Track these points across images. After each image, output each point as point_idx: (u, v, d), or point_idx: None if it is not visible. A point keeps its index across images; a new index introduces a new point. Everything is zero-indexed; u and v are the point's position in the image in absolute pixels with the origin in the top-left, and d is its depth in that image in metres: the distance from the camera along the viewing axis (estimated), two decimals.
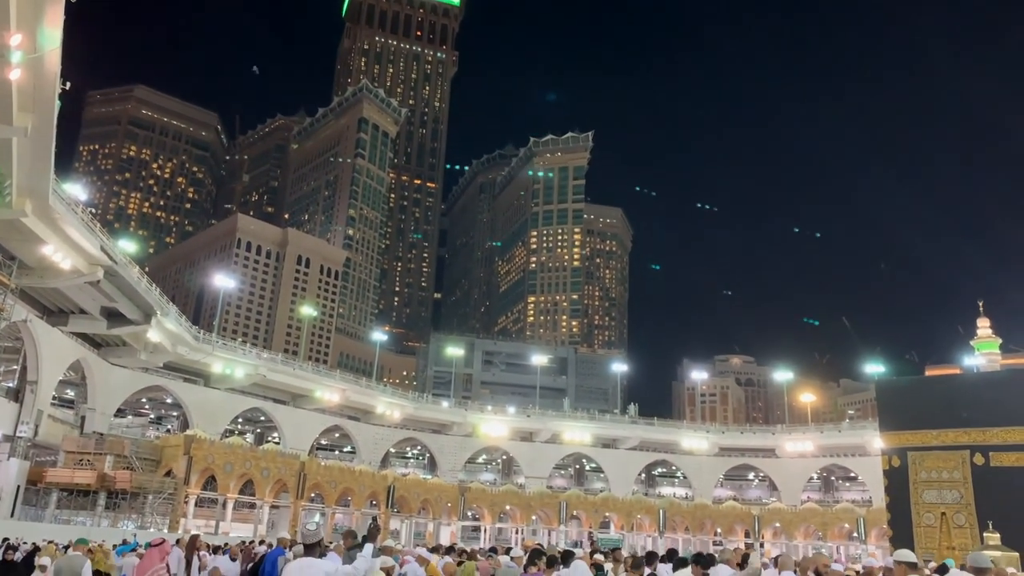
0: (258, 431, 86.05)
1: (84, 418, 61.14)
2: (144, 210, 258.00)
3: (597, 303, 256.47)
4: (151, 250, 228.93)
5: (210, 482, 59.79)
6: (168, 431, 75.56)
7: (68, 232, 42.92)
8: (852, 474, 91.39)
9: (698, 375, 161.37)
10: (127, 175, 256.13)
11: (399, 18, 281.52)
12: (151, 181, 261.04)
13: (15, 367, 54.20)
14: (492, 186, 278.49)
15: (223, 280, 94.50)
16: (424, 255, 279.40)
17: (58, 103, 29.58)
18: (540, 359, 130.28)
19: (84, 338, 58.18)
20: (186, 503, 56.19)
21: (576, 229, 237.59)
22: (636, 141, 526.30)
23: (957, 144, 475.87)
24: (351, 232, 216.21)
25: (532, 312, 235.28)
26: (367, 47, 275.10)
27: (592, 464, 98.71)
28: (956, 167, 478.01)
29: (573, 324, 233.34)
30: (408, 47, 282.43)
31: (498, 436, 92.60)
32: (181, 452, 56.36)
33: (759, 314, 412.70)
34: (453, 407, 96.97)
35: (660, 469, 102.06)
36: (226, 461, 58.66)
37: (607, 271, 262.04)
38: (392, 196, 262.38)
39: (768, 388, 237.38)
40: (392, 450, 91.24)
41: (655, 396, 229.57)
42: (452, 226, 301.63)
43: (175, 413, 77.56)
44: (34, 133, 30.09)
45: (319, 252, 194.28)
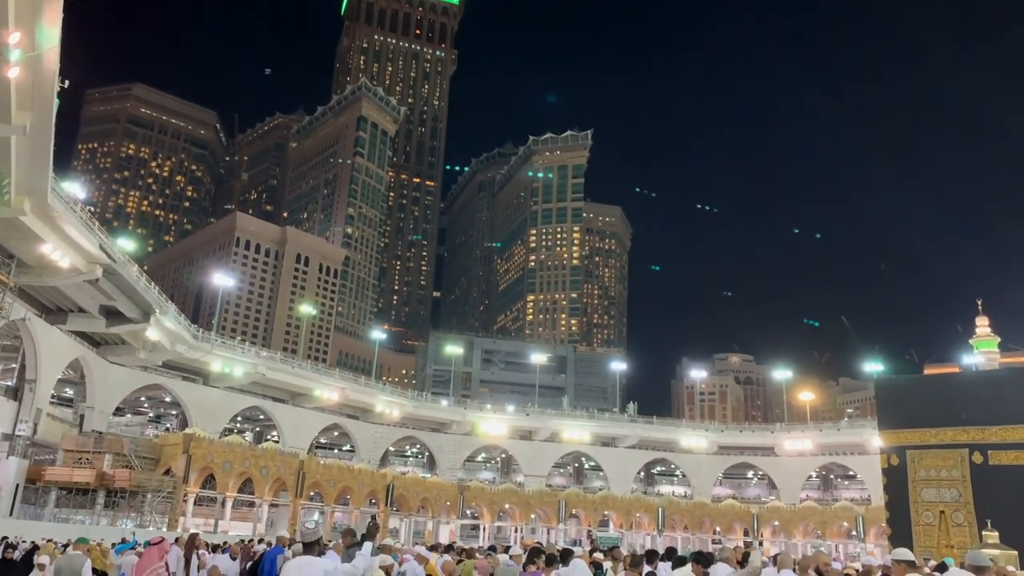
0: (257, 430, 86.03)
1: (83, 417, 61.11)
2: (143, 208, 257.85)
3: (596, 302, 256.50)
4: (150, 248, 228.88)
5: (209, 481, 59.80)
6: (167, 430, 75.54)
7: (67, 230, 42.87)
8: (851, 472, 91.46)
9: (697, 373, 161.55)
10: (126, 173, 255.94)
11: (398, 16, 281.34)
12: (150, 179, 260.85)
13: (14, 365, 54.20)
14: (491, 185, 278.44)
15: (222, 279, 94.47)
16: (423, 254, 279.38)
17: (57, 101, 29.54)
18: (539, 358, 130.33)
19: (83, 336, 58.14)
20: (185, 502, 56.21)
21: (575, 228, 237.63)
22: (635, 140, 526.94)
23: (957, 144, 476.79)
24: (350, 230, 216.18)
25: (531, 311, 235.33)
26: (366, 45, 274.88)
27: (591, 463, 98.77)
28: (956, 167, 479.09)
29: (572, 323, 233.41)
30: (407, 45, 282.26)
31: (497, 435, 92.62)
32: (180, 451, 56.36)
33: (758, 313, 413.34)
34: (452, 406, 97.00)
35: (659, 468, 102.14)
36: (225, 460, 58.67)
37: (606, 270, 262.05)
38: (391, 195, 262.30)
39: (767, 387, 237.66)
40: (391, 449, 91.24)
41: (654, 395, 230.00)
42: (451, 225, 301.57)
43: (174, 412, 77.55)
44: (33, 131, 30.05)
45: (318, 251, 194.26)
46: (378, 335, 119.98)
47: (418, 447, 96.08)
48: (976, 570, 9.55)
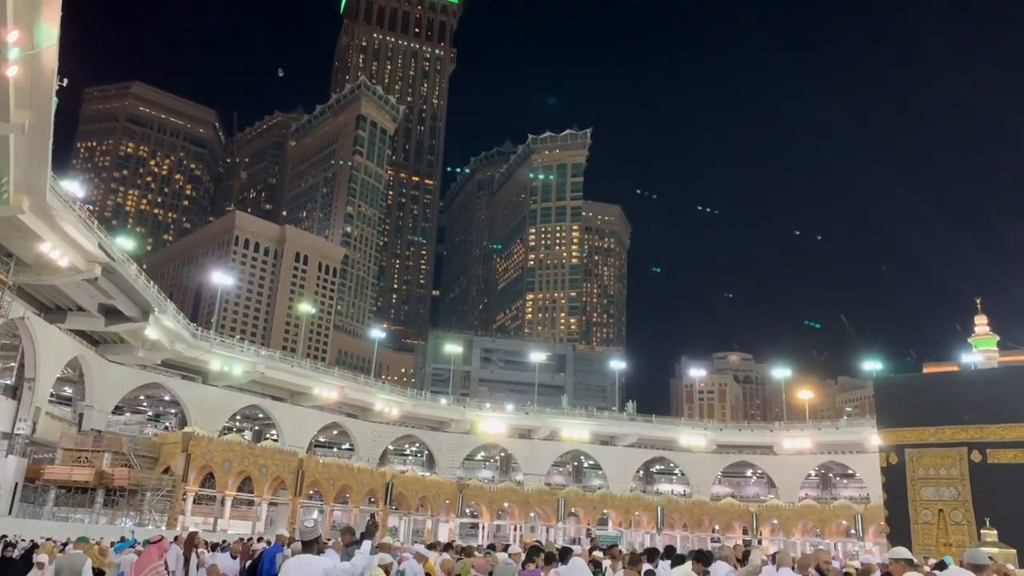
0: (256, 428, 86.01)
1: (82, 415, 61.09)
2: (142, 207, 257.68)
3: (595, 300, 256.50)
4: (149, 247, 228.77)
5: (208, 479, 59.86)
6: (166, 428, 75.58)
7: (66, 229, 42.83)
8: (850, 471, 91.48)
9: (696, 372, 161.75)
10: (125, 172, 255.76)
11: (397, 15, 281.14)
12: (149, 178, 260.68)
13: (13, 364, 54.19)
14: (490, 183, 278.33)
15: (221, 277, 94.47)
16: (422, 252, 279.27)
17: (55, 100, 29.51)
18: (538, 356, 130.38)
19: (82, 335, 58.13)
20: (184, 500, 56.26)
21: (574, 226, 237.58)
22: (634, 139, 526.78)
23: (956, 143, 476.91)
24: (349, 229, 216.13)
25: (530, 309, 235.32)
26: (365, 44, 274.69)
27: (590, 461, 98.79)
28: (955, 166, 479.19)
29: (571, 321, 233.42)
30: (406, 44, 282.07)
31: (496, 433, 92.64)
32: (179, 449, 56.40)
33: (757, 312, 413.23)
34: (451, 404, 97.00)
35: (658, 466, 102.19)
36: (224, 458, 58.70)
37: (605, 268, 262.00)
38: (390, 193, 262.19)
39: (766, 385, 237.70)
40: (390, 447, 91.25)
41: (653, 393, 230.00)
42: (450, 223, 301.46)
43: (173, 410, 77.54)
44: (31, 130, 30.02)
45: (317, 249, 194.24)
46: (377, 334, 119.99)
47: (417, 446, 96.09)
48: (975, 568, 9.56)
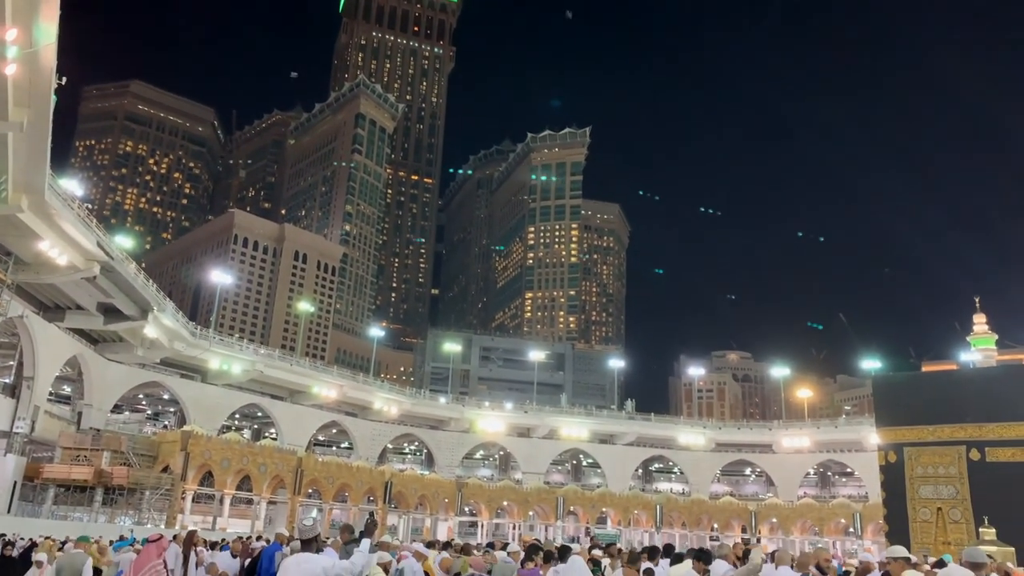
0: (255, 427, 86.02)
1: (81, 414, 61.10)
2: (140, 206, 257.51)
3: (594, 299, 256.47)
4: (148, 246, 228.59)
5: (207, 478, 59.87)
6: (165, 427, 75.63)
7: (64, 228, 42.82)
8: (848, 470, 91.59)
9: (695, 371, 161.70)
10: (123, 171, 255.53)
11: (396, 13, 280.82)
12: (147, 177, 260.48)
13: (11, 363, 54.19)
14: (490, 182, 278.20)
15: (220, 276, 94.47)
16: (421, 251, 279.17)
17: (54, 98, 29.49)
18: (537, 355, 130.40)
19: (81, 334, 58.11)
20: (183, 499, 56.28)
21: (574, 225, 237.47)
22: (633, 137, 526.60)
23: (956, 142, 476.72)
24: (348, 228, 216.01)
25: (530, 308, 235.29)
26: (364, 42, 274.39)
27: (589, 460, 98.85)
28: (954, 165, 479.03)
29: (570, 320, 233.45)
30: (405, 43, 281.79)
31: (495, 432, 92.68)
32: (178, 448, 56.43)
33: (756, 310, 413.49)
34: (450, 403, 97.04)
35: (657, 465, 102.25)
36: (223, 457, 58.72)
37: (604, 267, 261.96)
38: (389, 192, 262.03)
39: (765, 384, 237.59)
40: (389, 446, 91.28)
41: (652, 392, 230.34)
42: (449, 222, 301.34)
43: (172, 409, 77.52)
44: (30, 128, 30.01)
45: (316, 248, 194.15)
46: (376, 332, 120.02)
47: (416, 444, 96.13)
48: (973, 566, 9.58)
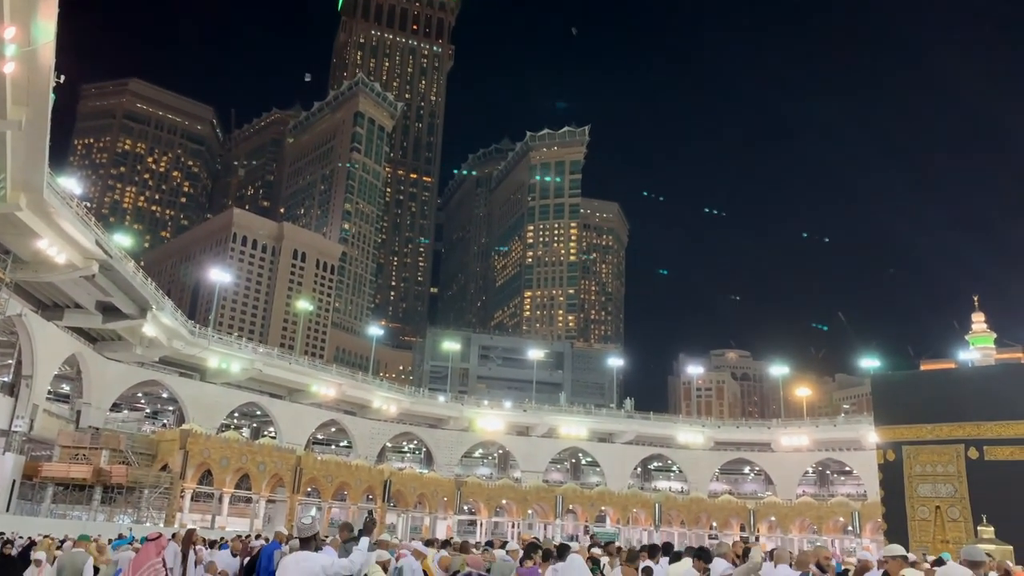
0: (254, 425, 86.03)
1: (79, 413, 61.08)
2: (139, 204, 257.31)
3: (593, 298, 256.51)
4: (146, 244, 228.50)
5: (206, 476, 59.89)
6: (164, 426, 75.63)
7: (63, 226, 42.79)
8: (847, 468, 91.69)
9: (694, 369, 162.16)
10: (122, 169, 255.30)
11: (395, 12, 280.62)
12: (146, 175, 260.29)
13: (10, 361, 54.18)
14: (488, 181, 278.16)
15: (219, 274, 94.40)
16: (420, 250, 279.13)
17: (52, 96, 29.47)
18: (536, 354, 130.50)
19: (79, 332, 58.07)
20: (182, 497, 56.30)
21: (572, 224, 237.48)
22: (632, 136, 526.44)
23: (955, 141, 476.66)
24: (347, 226, 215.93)
25: (528, 307, 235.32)
26: (363, 41, 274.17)
27: (588, 458, 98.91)
28: (954, 164, 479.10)
29: (569, 319, 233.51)
30: (404, 41, 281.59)
31: (494, 430, 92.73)
32: (177, 446, 56.45)
33: (755, 309, 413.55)
34: (449, 401, 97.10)
35: (656, 463, 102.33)
36: (222, 455, 58.73)
37: (603, 266, 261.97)
38: (388, 191, 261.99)
39: (764, 382, 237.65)
40: (388, 444, 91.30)
41: (651, 390, 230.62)
42: (448, 221, 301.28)
43: (171, 408, 77.50)
44: (28, 127, 29.97)
45: (315, 246, 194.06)
46: (375, 331, 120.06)
47: (415, 443, 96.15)
48: (972, 565, 9.59)
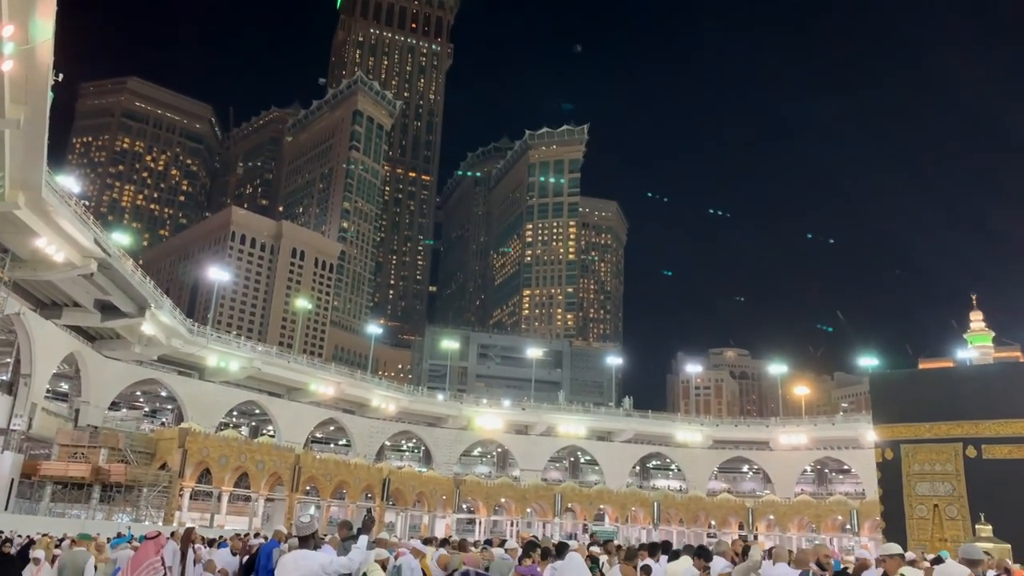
0: (253, 424, 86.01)
1: (78, 411, 61.07)
2: (138, 203, 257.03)
3: (592, 296, 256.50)
4: (145, 243, 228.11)
5: (205, 475, 59.86)
6: (163, 424, 75.61)
7: (61, 224, 42.77)
8: (845, 467, 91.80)
9: (692, 368, 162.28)
10: (120, 167, 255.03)
11: (394, 10, 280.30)
12: (145, 174, 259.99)
13: (8, 360, 54.14)
14: (487, 179, 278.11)
15: (217, 273, 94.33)
16: (419, 248, 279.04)
17: (51, 95, 29.47)
18: (535, 352, 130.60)
19: (78, 331, 58.03)
20: (181, 496, 56.28)
21: (571, 222, 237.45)
22: (630, 135, 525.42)
23: (954, 141, 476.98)
24: (346, 225, 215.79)
25: (527, 305, 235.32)
26: (362, 39, 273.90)
27: (587, 457, 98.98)
28: (952, 162, 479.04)
29: (568, 317, 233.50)
30: (403, 39, 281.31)
31: (493, 429, 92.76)
32: (176, 445, 56.43)
33: (754, 308, 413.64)
34: (448, 400, 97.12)
35: (654, 462, 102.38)
36: (221, 454, 58.71)
37: (602, 264, 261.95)
38: (387, 189, 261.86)
39: (762, 381, 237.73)
40: (387, 443, 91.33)
41: (650, 389, 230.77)
42: (447, 219, 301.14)
43: (170, 406, 77.47)
44: (26, 125, 29.96)
45: (314, 245, 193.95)
46: (374, 330, 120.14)
47: (414, 441, 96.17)
48: (970, 563, 9.62)
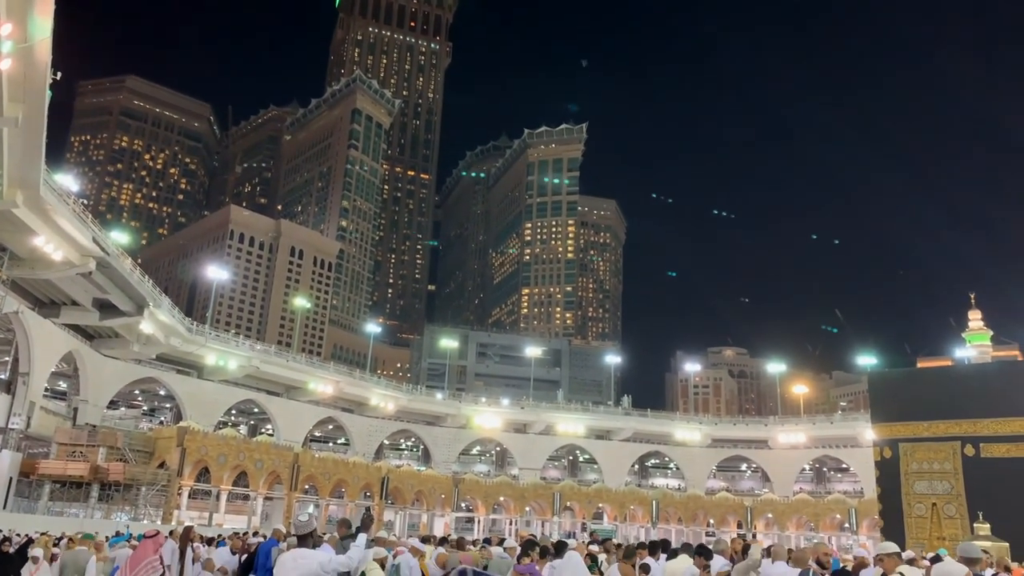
0: (252, 423, 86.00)
1: (77, 410, 61.00)
2: (136, 201, 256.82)
3: (591, 295, 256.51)
4: (143, 241, 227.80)
5: (203, 474, 59.85)
6: (161, 423, 75.54)
7: (59, 223, 42.72)
8: (844, 465, 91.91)
9: (691, 367, 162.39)
10: (119, 166, 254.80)
11: (393, 9, 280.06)
12: (143, 172, 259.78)
13: (7, 359, 54.10)
14: (487, 178, 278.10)
15: (216, 272, 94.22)
16: (418, 247, 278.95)
17: (49, 93, 29.43)
18: (534, 351, 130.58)
19: (76, 330, 57.99)
20: (179, 495, 56.27)
21: (570, 221, 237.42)
22: (629, 133, 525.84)
23: (953, 140, 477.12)
24: (344, 224, 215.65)
25: (526, 304, 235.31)
26: (360, 38, 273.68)
27: (585, 455, 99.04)
28: (952, 162, 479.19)
29: (567, 316, 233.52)
30: (402, 38, 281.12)
31: (492, 428, 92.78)
32: (174, 444, 56.40)
33: (752, 306, 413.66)
34: (447, 399, 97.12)
35: (653, 460, 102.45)
36: (219, 453, 58.69)
37: (601, 263, 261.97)
38: (386, 188, 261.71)
39: (761, 380, 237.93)
40: (386, 442, 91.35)
41: (648, 388, 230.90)
42: (446, 218, 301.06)
43: (168, 405, 77.44)
44: (25, 123, 29.91)
45: (312, 244, 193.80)
46: (373, 328, 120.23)
47: (413, 440, 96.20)
48: (968, 562, 9.62)
